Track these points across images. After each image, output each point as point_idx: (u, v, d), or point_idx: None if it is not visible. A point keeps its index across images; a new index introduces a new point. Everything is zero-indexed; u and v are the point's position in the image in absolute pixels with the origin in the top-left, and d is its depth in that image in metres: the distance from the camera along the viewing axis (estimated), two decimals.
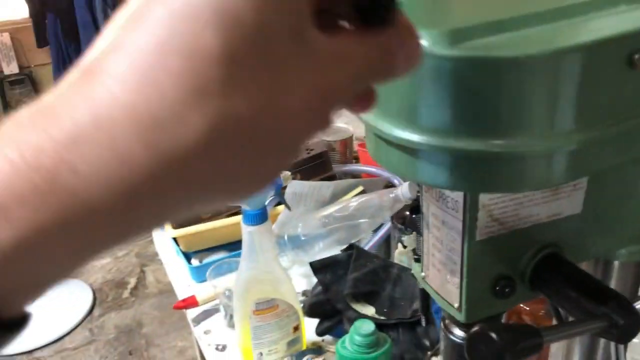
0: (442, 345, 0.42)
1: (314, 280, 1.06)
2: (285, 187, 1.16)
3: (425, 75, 0.28)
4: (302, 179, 1.21)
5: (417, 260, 0.41)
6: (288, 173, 0.95)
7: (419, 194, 0.39)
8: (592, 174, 0.34)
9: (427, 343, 0.88)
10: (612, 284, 0.45)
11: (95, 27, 2.52)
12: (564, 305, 0.35)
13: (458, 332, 0.39)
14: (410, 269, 0.82)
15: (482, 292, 0.36)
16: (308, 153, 1.27)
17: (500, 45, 0.28)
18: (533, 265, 0.36)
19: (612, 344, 0.34)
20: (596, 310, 0.32)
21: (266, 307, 0.87)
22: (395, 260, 1.06)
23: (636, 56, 0.29)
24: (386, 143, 0.32)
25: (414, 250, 0.41)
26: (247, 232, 0.84)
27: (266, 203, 0.90)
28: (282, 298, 0.88)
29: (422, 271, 0.40)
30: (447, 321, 0.41)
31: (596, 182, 0.36)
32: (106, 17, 2.48)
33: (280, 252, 1.13)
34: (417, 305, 0.96)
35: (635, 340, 0.31)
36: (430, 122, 0.29)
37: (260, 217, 0.84)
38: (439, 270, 0.38)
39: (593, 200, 0.37)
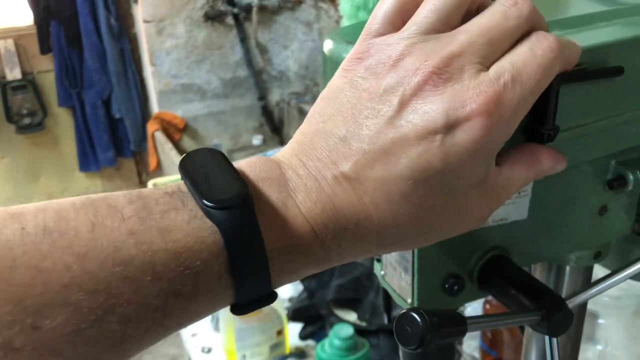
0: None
1: (301, 287, 1.08)
2: None
3: None
4: None
5: (379, 260, 0.44)
6: None
7: None
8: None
9: None
10: (564, 288, 0.48)
11: (98, 36, 2.57)
12: (506, 302, 0.37)
13: None
14: None
15: (433, 289, 0.39)
16: None
17: None
18: (480, 266, 0.39)
19: (547, 340, 0.37)
20: (531, 306, 0.35)
21: None
22: None
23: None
24: None
25: None
26: None
27: None
28: None
29: (381, 270, 0.43)
30: None
31: (540, 190, 0.39)
32: (109, 25, 2.52)
33: None
34: (398, 312, 0.99)
35: None
36: None
37: None
38: (394, 269, 0.41)
39: (538, 207, 0.40)
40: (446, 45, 0.28)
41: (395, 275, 0.41)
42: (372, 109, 0.28)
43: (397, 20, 0.30)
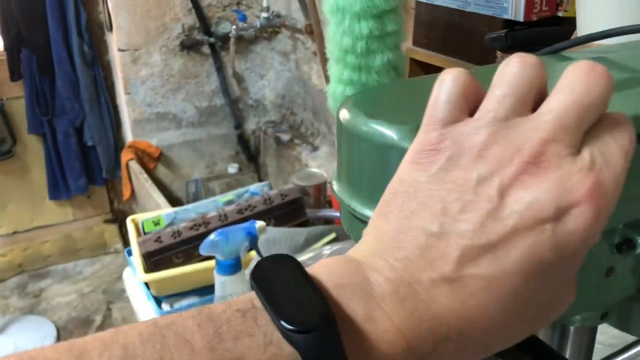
0: None
1: None
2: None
3: (393, 165, 0.30)
4: (276, 224, 1.23)
5: None
6: (263, 223, 0.97)
7: None
8: None
9: None
10: (568, 347, 0.48)
11: (71, 63, 2.53)
12: None
13: None
14: None
15: None
16: (283, 199, 1.29)
17: None
18: None
19: None
20: None
21: None
22: None
23: None
24: (358, 220, 0.34)
25: None
26: (221, 281, 0.85)
27: (241, 254, 0.91)
28: None
29: None
30: None
31: None
32: (82, 53, 2.49)
33: None
34: None
35: None
36: None
37: (234, 267, 0.85)
38: None
39: None
40: (533, 130, 0.26)
41: None
42: (468, 202, 0.26)
43: (463, 105, 0.28)
